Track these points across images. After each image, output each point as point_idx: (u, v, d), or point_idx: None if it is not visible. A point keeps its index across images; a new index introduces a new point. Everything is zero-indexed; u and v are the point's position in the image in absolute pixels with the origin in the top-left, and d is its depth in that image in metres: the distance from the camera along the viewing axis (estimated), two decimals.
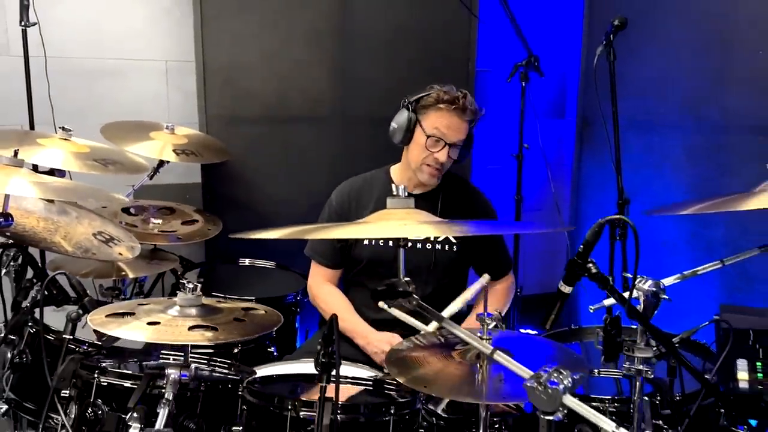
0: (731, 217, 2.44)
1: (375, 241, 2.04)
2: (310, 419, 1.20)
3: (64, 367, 1.28)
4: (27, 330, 1.58)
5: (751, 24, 2.51)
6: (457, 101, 1.94)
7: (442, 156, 1.96)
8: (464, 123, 1.97)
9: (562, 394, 0.84)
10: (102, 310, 1.29)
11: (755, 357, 1.50)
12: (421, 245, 2.01)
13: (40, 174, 1.88)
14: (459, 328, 1.04)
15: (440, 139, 1.94)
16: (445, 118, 1.94)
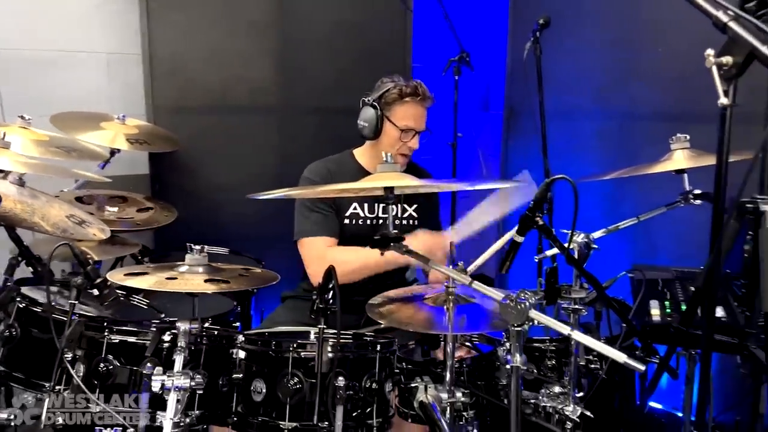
0: (639, 187, 2.80)
1: (355, 220, 2.21)
2: (309, 358, 1.39)
3: (72, 329, 1.38)
4: (15, 305, 1.65)
5: (652, 24, 2.87)
6: (418, 92, 2.15)
7: (414, 143, 2.18)
8: (425, 110, 2.21)
9: (528, 309, 1.07)
10: (119, 270, 1.41)
11: (663, 299, 1.83)
12: (386, 221, 2.18)
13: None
14: (447, 268, 1.26)
15: (412, 129, 2.16)
16: (412, 109, 2.15)
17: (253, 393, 1.42)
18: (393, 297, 1.59)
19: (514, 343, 1.17)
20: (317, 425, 1.37)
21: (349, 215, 2.22)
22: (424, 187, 1.61)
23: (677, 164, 1.78)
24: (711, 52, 0.96)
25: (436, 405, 1.47)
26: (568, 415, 1.57)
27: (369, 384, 1.44)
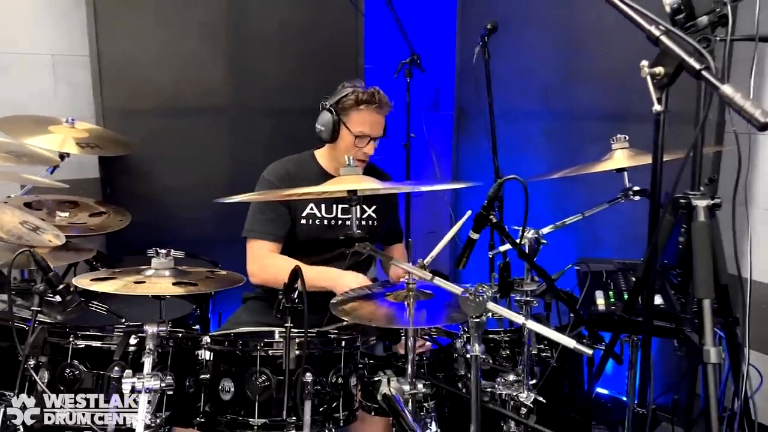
0: (583, 186, 2.95)
1: (311, 221, 2.23)
2: (276, 356, 1.43)
3: (35, 336, 1.38)
4: None
5: (592, 28, 3.02)
6: (374, 99, 2.16)
7: (369, 150, 2.21)
8: (382, 117, 2.23)
9: (486, 302, 1.15)
10: (85, 275, 1.42)
11: (608, 289, 1.95)
12: (349, 222, 2.17)
13: None
14: (408, 265, 1.33)
15: (368, 135, 2.18)
16: (367, 116, 2.16)
17: (222, 392, 1.45)
18: (355, 295, 1.64)
19: (473, 334, 1.25)
20: (286, 420, 1.41)
21: (306, 215, 2.24)
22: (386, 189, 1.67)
23: (617, 163, 1.90)
24: (645, 63, 1.06)
25: (399, 397, 1.53)
26: (523, 401, 1.67)
27: (335, 379, 1.50)
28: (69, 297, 1.44)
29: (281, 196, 1.52)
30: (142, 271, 1.46)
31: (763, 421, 2.48)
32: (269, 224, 2.18)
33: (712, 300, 1.42)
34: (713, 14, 1.39)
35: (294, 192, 1.48)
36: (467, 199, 3.74)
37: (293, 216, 2.25)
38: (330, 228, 2.25)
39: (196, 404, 1.53)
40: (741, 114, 0.92)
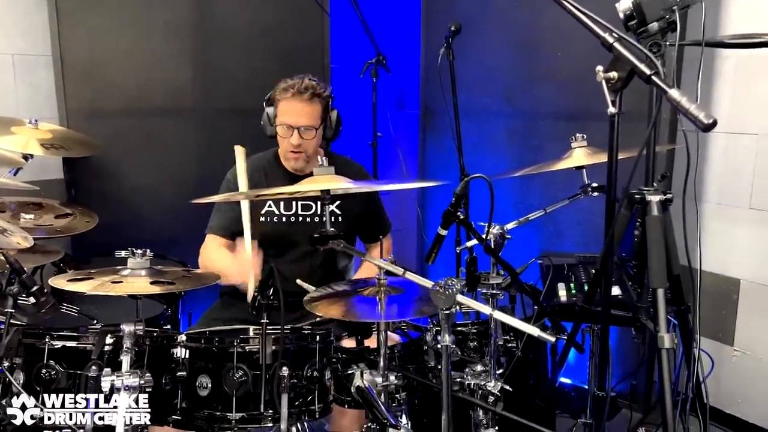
0: (544, 183, 3.05)
1: (270, 218, 2.25)
2: (253, 351, 1.47)
3: (10, 338, 1.38)
4: None
5: (551, 30, 3.12)
6: (293, 87, 2.09)
7: (294, 140, 2.12)
8: (307, 105, 2.11)
9: (455, 294, 1.21)
10: (62, 276, 1.42)
11: (569, 281, 2.05)
12: (309, 219, 2.25)
13: None
14: (381, 261, 1.38)
15: (289, 125, 2.12)
16: (288, 105, 2.11)
17: (199, 388, 1.48)
18: (329, 291, 1.69)
19: (444, 325, 1.31)
20: (263, 413, 1.45)
21: (264, 213, 2.25)
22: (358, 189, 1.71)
23: (577, 161, 2.00)
24: (600, 68, 1.13)
25: (372, 389, 1.59)
26: (490, 390, 1.74)
27: (310, 373, 1.54)
28: (43, 299, 1.45)
29: (253, 195, 1.55)
30: (119, 270, 1.48)
31: (714, 404, 2.62)
32: (219, 220, 2.25)
33: (666, 289, 1.51)
34: (663, 20, 1.48)
35: (267, 192, 1.52)
36: (435, 197, 3.82)
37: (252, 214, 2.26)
38: (290, 225, 2.25)
39: (171, 402, 1.55)
40: (687, 116, 1.00)
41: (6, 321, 1.39)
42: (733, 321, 2.71)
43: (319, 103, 2.16)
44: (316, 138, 2.18)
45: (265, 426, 1.49)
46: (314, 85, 2.14)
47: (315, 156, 2.24)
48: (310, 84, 2.13)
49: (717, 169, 2.71)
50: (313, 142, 2.19)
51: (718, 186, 2.71)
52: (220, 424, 1.48)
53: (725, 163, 2.69)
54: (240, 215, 2.14)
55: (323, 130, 2.22)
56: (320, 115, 2.17)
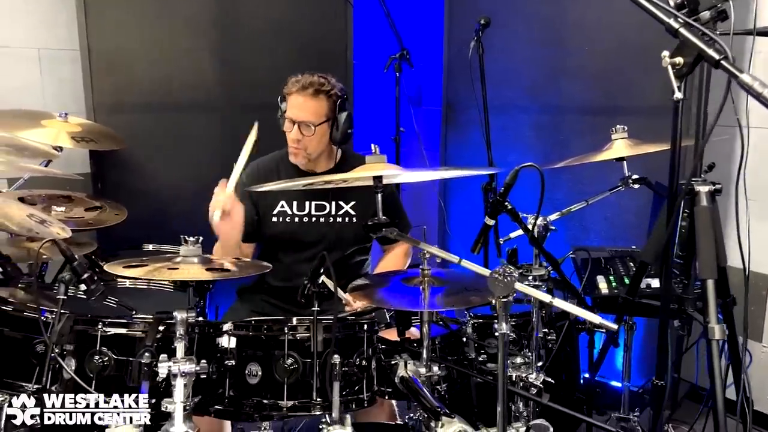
0: (572, 178, 3.04)
1: (282, 218, 2.24)
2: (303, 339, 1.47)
3: (62, 324, 1.39)
4: None
5: (577, 25, 3.12)
6: (299, 81, 2.09)
7: (293, 134, 2.11)
8: (309, 100, 2.08)
9: (514, 282, 1.21)
10: (118, 263, 1.43)
11: (608, 274, 2.04)
12: (323, 219, 2.24)
13: None
14: (433, 247, 1.37)
15: (291, 120, 2.10)
16: (293, 99, 2.10)
17: (248, 376, 1.48)
18: (372, 280, 1.69)
19: (501, 314, 1.30)
20: (315, 401, 1.45)
21: (277, 213, 2.25)
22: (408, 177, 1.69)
23: (618, 152, 1.99)
24: (666, 53, 1.12)
25: (416, 379, 1.58)
26: (532, 381, 1.73)
27: (359, 361, 1.54)
28: (93, 286, 1.45)
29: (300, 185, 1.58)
30: (171, 258, 1.48)
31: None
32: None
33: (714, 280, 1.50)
34: (714, 9, 1.47)
35: (315, 180, 1.52)
36: (457, 190, 3.81)
37: (261, 213, 2.26)
38: (302, 225, 2.24)
39: (215, 391, 1.55)
40: (759, 100, 0.99)
41: (58, 308, 1.39)
42: (762, 317, 2.69)
43: (326, 100, 2.11)
44: (315, 136, 2.12)
45: (314, 414, 1.49)
46: (320, 81, 2.10)
47: (322, 155, 2.22)
48: (316, 80, 2.10)
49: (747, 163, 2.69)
50: (313, 140, 2.13)
51: (748, 181, 2.68)
52: (270, 412, 1.48)
53: (755, 158, 2.67)
54: (249, 216, 2.16)
55: (330, 129, 2.15)
56: (325, 113, 2.12)
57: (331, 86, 2.12)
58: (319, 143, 2.16)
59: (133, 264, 1.41)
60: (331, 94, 2.11)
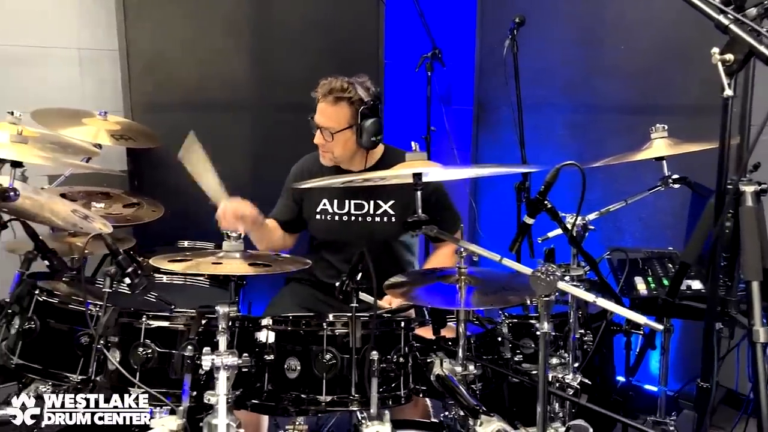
0: (606, 178, 3.00)
1: (324, 216, 2.26)
2: (342, 334, 1.49)
3: (108, 317, 1.42)
4: (33, 298, 1.66)
5: (614, 23, 3.08)
6: (323, 86, 2.10)
7: (316, 139, 2.14)
8: (330, 106, 2.08)
9: (557, 281, 1.20)
10: (162, 257, 1.47)
11: (646, 275, 2.01)
12: (362, 218, 2.24)
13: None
14: (473, 245, 1.37)
15: (316, 124, 2.12)
16: (318, 104, 2.12)
17: (287, 371, 1.50)
18: (408, 278, 1.69)
19: (542, 312, 1.30)
20: (352, 397, 1.46)
21: (320, 211, 2.27)
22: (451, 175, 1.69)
23: (658, 152, 1.96)
24: (716, 50, 1.11)
25: (453, 377, 1.58)
26: (569, 382, 1.72)
27: (396, 358, 1.55)
28: (137, 280, 1.49)
29: (341, 181, 1.61)
30: (214, 253, 1.51)
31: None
32: (277, 207, 2.33)
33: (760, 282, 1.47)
34: (761, 6, 1.43)
35: (357, 177, 1.54)
36: (486, 189, 3.79)
37: (306, 212, 2.30)
38: (343, 224, 2.25)
39: (253, 385, 1.56)
40: None
41: (104, 301, 1.42)
42: None
43: (347, 107, 2.10)
44: (337, 142, 2.12)
45: (351, 410, 1.50)
46: (343, 87, 2.09)
47: (354, 157, 2.21)
48: (337, 86, 2.09)
49: None
50: (336, 145, 2.13)
51: None
52: (308, 406, 1.50)
53: None
54: (288, 207, 2.28)
55: (356, 135, 2.13)
56: (347, 120, 2.11)
57: (354, 93, 2.09)
58: (344, 149, 2.15)
59: (178, 258, 1.44)
60: (354, 101, 2.09)
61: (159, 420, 1.36)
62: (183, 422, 1.35)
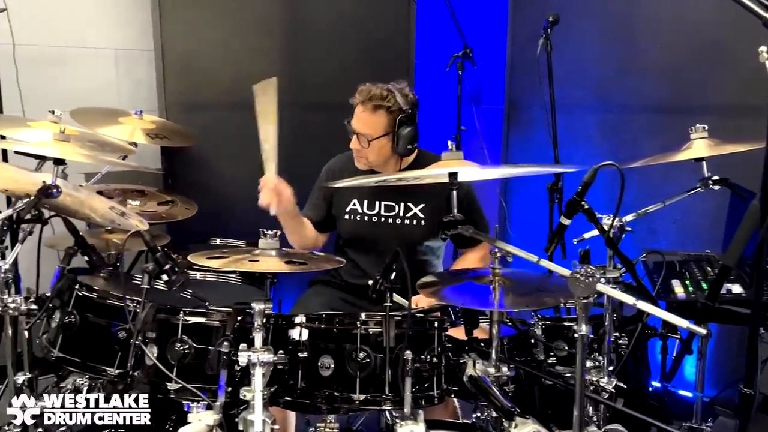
0: (640, 180, 2.94)
1: (353, 216, 2.27)
2: (376, 333, 1.49)
3: (146, 312, 1.45)
4: (74, 293, 1.70)
5: (649, 21, 3.02)
6: (361, 93, 2.13)
7: (352, 143, 2.16)
8: (369, 114, 2.10)
9: (596, 283, 1.18)
10: (200, 254, 1.49)
11: (684, 278, 1.97)
12: (391, 220, 2.25)
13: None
14: (510, 246, 1.36)
15: (353, 129, 2.15)
16: (356, 109, 2.15)
17: (321, 369, 1.50)
18: (441, 278, 1.68)
19: (581, 315, 1.28)
20: (386, 396, 1.46)
21: (349, 211, 2.28)
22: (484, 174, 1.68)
23: (698, 152, 1.91)
24: (764, 48, 1.08)
25: (486, 378, 1.57)
26: (604, 386, 1.69)
27: (430, 358, 1.54)
28: (174, 276, 1.51)
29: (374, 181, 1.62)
30: (250, 251, 1.52)
31: None
32: (308, 206, 2.35)
33: None
34: None
35: (388, 177, 1.55)
36: (517, 190, 3.76)
37: (336, 210, 2.31)
38: (372, 225, 2.25)
39: (286, 382, 1.57)
40: None
41: (143, 297, 1.45)
42: None
43: (385, 115, 2.11)
44: (372, 149, 2.14)
45: (384, 409, 1.50)
46: (383, 95, 2.10)
47: (389, 162, 2.22)
48: (377, 93, 2.10)
49: None
50: (371, 152, 2.15)
51: None
52: (341, 404, 1.50)
53: None
54: (318, 206, 2.30)
55: (392, 142, 2.14)
56: (384, 128, 2.12)
57: (394, 101, 2.10)
58: (379, 155, 2.17)
59: (216, 255, 1.46)
60: (393, 109, 2.10)
61: (196, 415, 1.38)
62: (219, 417, 1.37)
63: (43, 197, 1.59)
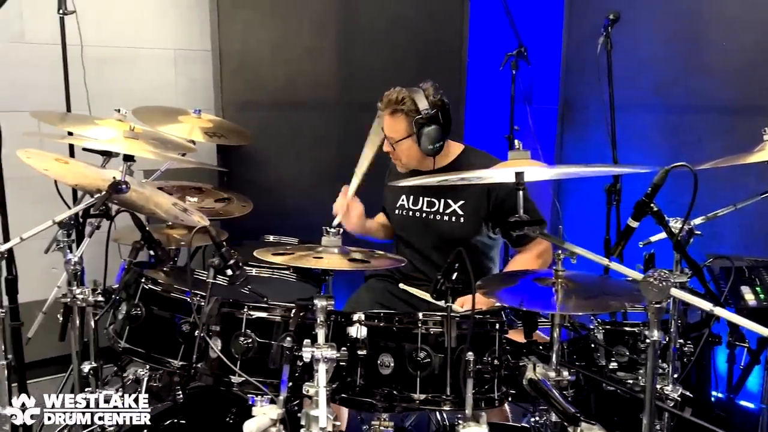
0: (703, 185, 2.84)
1: (400, 211, 2.32)
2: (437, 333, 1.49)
3: (211, 306, 1.48)
4: (140, 286, 1.75)
5: (714, 19, 2.92)
6: (382, 99, 2.19)
7: (384, 146, 2.23)
8: (389, 118, 2.16)
9: (670, 287, 1.15)
10: (266, 250, 1.52)
11: (754, 285, 1.89)
12: (432, 216, 2.24)
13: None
14: (578, 248, 1.34)
15: (385, 136, 2.21)
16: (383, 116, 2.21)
17: (381, 367, 1.50)
18: (501, 278, 1.66)
19: (653, 320, 1.24)
20: (448, 397, 1.45)
21: (399, 206, 2.34)
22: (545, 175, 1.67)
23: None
24: None
25: (546, 381, 1.54)
26: (668, 394, 1.64)
27: (490, 360, 1.52)
28: (237, 271, 1.54)
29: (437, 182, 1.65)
30: (313, 248, 1.54)
31: None
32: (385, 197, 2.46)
33: None
34: None
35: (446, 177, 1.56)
36: (571, 191, 3.69)
37: (389, 206, 2.39)
38: (416, 220, 2.28)
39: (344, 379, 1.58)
40: None
41: (208, 291, 1.48)
42: None
43: (403, 118, 2.14)
44: (399, 150, 2.19)
45: (444, 410, 1.49)
46: (397, 99, 2.14)
47: (423, 162, 2.22)
48: (393, 98, 2.15)
49: None
50: (401, 153, 2.21)
51: None
52: (401, 403, 1.50)
53: None
54: (386, 201, 2.38)
55: (416, 143, 2.14)
56: (404, 130, 2.15)
57: (409, 104, 2.13)
58: (408, 156, 2.21)
59: (281, 252, 1.48)
60: (408, 111, 2.13)
61: (260, 408, 1.40)
62: (282, 412, 1.39)
63: (114, 192, 1.64)
